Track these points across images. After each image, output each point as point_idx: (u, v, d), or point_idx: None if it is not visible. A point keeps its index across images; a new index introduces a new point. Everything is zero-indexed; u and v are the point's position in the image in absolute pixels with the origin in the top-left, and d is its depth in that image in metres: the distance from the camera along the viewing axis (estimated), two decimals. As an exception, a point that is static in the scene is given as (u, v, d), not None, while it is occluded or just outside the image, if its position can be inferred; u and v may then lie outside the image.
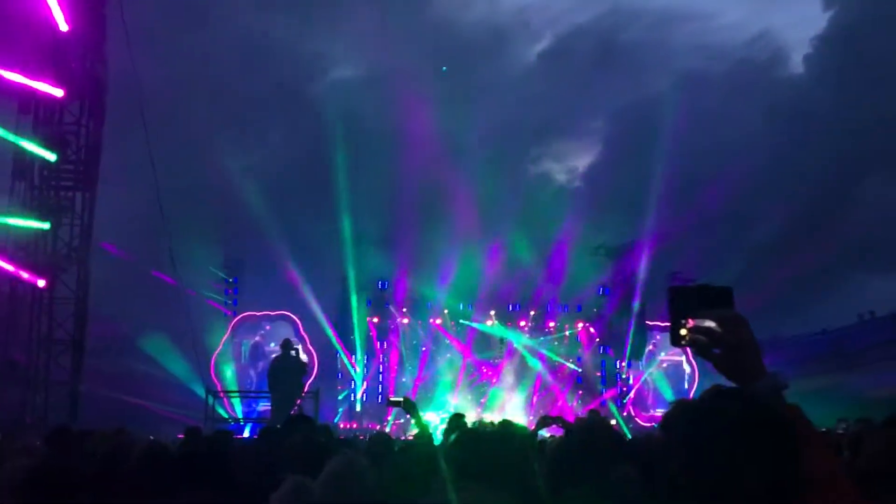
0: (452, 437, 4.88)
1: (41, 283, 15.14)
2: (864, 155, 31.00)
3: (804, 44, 37.01)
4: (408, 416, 22.76)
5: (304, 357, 21.14)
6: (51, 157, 15.61)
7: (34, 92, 15.07)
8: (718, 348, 2.11)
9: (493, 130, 33.05)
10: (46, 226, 15.55)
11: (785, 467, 1.91)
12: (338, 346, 25.74)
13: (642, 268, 26.61)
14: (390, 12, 35.45)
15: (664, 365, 27.32)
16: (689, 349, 2.20)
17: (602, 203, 31.07)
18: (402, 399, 8.27)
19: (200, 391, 18.17)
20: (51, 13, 14.59)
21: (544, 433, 9.03)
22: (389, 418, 25.38)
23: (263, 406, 20.47)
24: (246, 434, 16.83)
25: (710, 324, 2.11)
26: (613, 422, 23.56)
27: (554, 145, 39.78)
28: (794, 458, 1.92)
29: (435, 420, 21.66)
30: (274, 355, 17.14)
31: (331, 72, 36.75)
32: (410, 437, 15.32)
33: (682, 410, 2.10)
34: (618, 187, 31.12)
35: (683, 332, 2.16)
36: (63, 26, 14.69)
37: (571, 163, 39.21)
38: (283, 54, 33.51)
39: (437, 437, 9.44)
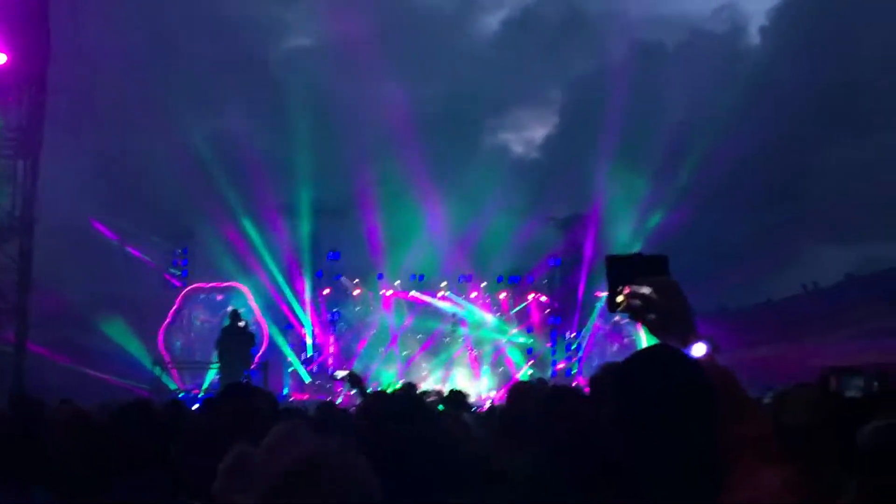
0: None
1: (-18, 253, 14.87)
2: (816, 126, 31.40)
3: (761, 15, 37.29)
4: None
5: (254, 328, 21.04)
6: (-8, 124, 15.29)
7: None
8: (653, 313, 2.17)
9: (450, 100, 32.89)
10: (-9, 196, 15.24)
11: (708, 427, 1.97)
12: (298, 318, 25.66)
13: (591, 239, 26.82)
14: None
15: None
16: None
17: (555, 174, 31.21)
18: (347, 373, 8.28)
19: (148, 363, 18.06)
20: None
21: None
22: (340, 390, 25.38)
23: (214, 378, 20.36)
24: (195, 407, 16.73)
25: (646, 290, 2.18)
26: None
27: (511, 115, 39.83)
28: (715, 418, 1.97)
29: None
30: (222, 326, 17.06)
31: (286, 39, 36.38)
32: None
33: (607, 371, 2.16)
34: (572, 158, 31.22)
35: (620, 298, 2.23)
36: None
37: (528, 133, 39.37)
38: (237, 21, 32.93)
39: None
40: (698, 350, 2.15)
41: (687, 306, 2.19)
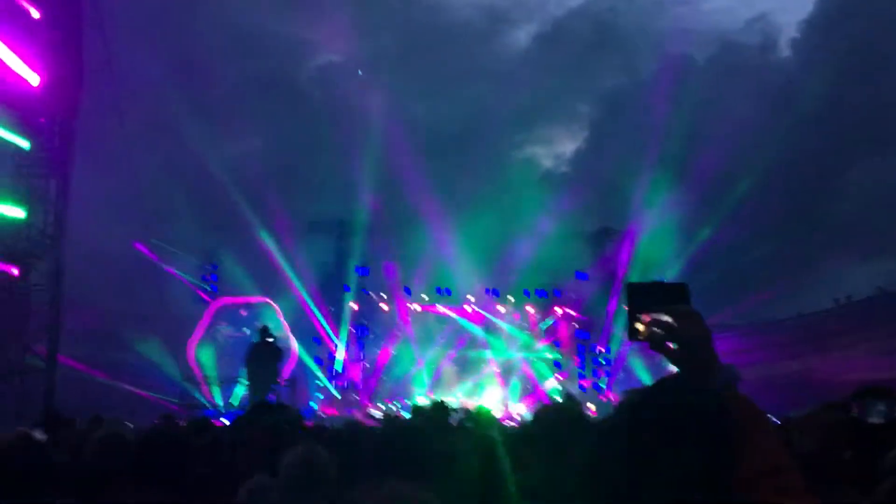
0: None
1: (14, 271, 15.08)
2: (848, 140, 31.10)
3: (792, 27, 37.02)
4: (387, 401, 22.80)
5: (283, 343, 21.13)
6: (24, 144, 15.51)
7: (6, 78, 14.94)
8: (673, 343, 2.16)
9: (480, 116, 32.94)
10: (22, 214, 15.45)
11: (726, 460, 1.97)
12: (327, 332, 25.73)
13: (624, 253, 26.71)
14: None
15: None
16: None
17: (584, 188, 31.12)
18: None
19: (178, 377, 18.22)
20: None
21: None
22: (369, 405, 25.47)
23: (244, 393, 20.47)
24: (225, 422, 16.84)
25: (666, 318, 2.16)
26: (593, 407, 23.74)
27: (539, 130, 39.74)
28: (733, 452, 1.97)
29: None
30: (251, 342, 17.16)
31: (315, 58, 36.60)
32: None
33: (628, 400, 2.17)
34: (601, 172, 31.15)
35: (640, 326, 2.22)
36: (34, 13, 14.59)
37: (557, 148, 39.28)
38: (266, 41, 33.20)
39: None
40: (720, 379, 2.15)
41: (708, 335, 2.16)
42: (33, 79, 15.15)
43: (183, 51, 28.07)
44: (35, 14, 14.77)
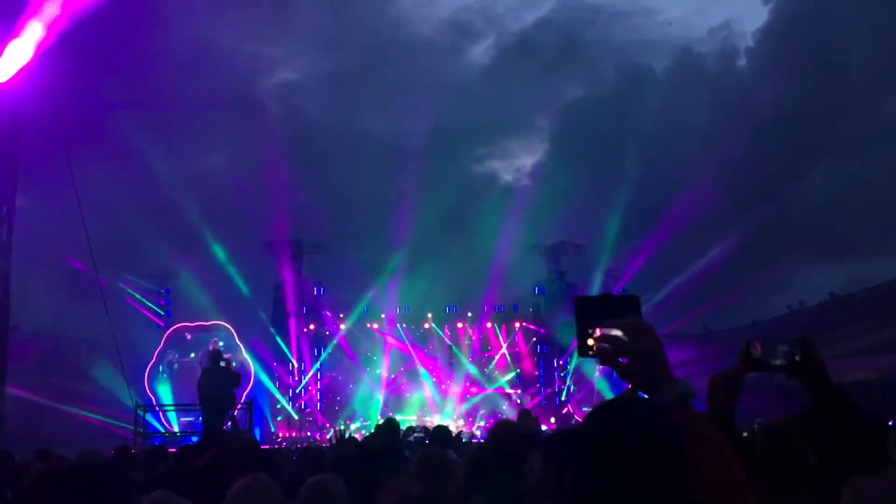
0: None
1: (-41, 301, 14.69)
2: (801, 147, 31.59)
3: (746, 37, 37.63)
4: (348, 422, 22.54)
5: (239, 368, 20.84)
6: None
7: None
8: (625, 357, 2.07)
9: (439, 131, 32.90)
10: (-37, 241, 15.08)
11: (679, 480, 1.89)
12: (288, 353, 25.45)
13: (579, 265, 26.86)
14: (338, 12, 35.14)
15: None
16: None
17: (540, 203, 31.25)
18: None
19: (131, 404, 17.84)
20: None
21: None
22: (330, 425, 25.23)
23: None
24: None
25: (617, 332, 2.07)
26: (553, 420, 23.75)
27: (499, 144, 39.87)
28: (687, 470, 1.90)
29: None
30: (203, 368, 16.86)
31: (273, 74, 36.36)
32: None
33: (585, 417, 2.09)
34: (560, 185, 31.30)
35: (591, 342, 2.10)
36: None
37: (516, 162, 39.41)
38: (225, 57, 32.69)
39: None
40: (672, 395, 2.08)
41: (660, 349, 2.04)
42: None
43: (138, 68, 27.65)
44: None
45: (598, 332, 2.10)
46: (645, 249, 26.63)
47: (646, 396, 2.07)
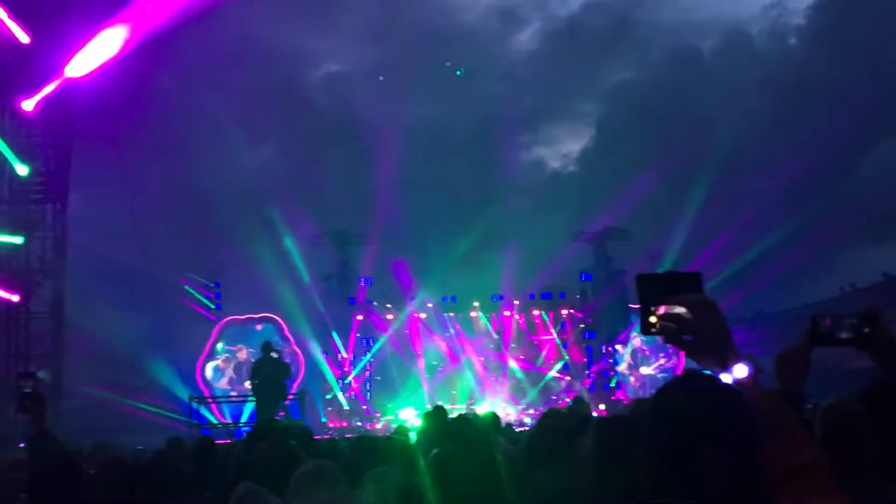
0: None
1: (15, 298, 15.02)
2: (852, 126, 30.89)
3: (798, 14, 36.85)
4: (398, 412, 22.64)
5: (289, 358, 21.04)
6: (22, 170, 15.46)
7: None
8: (689, 335, 2.06)
9: (485, 119, 32.70)
10: (20, 240, 15.39)
11: (748, 458, 1.86)
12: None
13: (626, 252, 26.65)
14: (383, 2, 35.13)
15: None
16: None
17: (587, 189, 31.03)
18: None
19: (185, 396, 18.14)
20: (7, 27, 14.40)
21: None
22: (379, 415, 25.38)
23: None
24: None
25: (680, 310, 2.06)
26: (603, 407, 23.64)
27: (546, 130, 39.58)
28: (756, 448, 1.87)
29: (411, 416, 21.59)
30: (256, 359, 17.06)
31: (319, 67, 36.45)
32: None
33: (653, 395, 2.08)
34: (605, 172, 31.05)
35: (653, 319, 2.11)
36: (23, 38, 14.53)
37: (563, 148, 39.17)
38: (272, 51, 32.74)
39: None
40: (739, 372, 2.01)
41: (725, 326, 2.04)
42: (26, 106, 15.08)
43: (185, 64, 27.87)
44: (24, 39, 14.69)
45: (661, 310, 2.09)
46: (694, 234, 26.35)
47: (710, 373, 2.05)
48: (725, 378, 2.02)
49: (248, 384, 17.93)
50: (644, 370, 26.75)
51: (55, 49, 15.66)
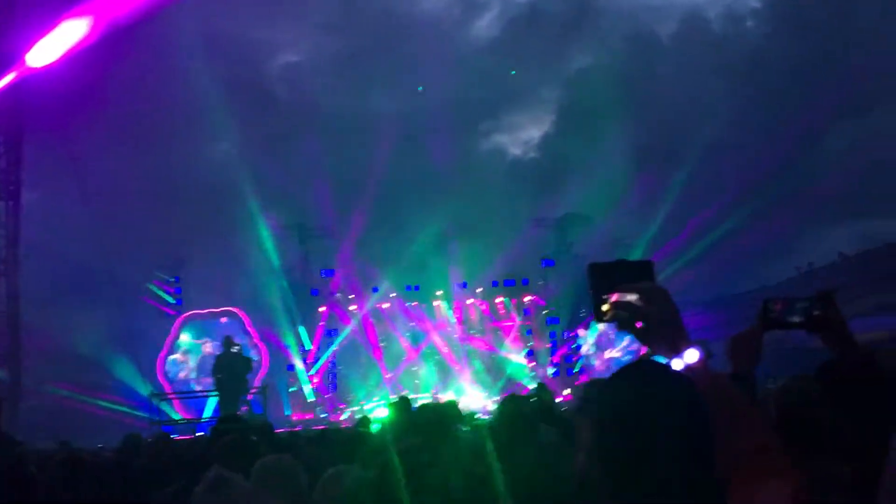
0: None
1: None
2: (807, 106, 31.24)
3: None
4: (362, 403, 22.67)
5: (250, 353, 20.97)
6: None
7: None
8: (641, 322, 2.07)
9: (445, 107, 32.57)
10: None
11: (700, 443, 1.87)
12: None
13: (585, 237, 26.81)
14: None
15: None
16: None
17: (548, 175, 31.13)
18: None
19: (145, 393, 18.00)
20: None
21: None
22: (344, 407, 25.36)
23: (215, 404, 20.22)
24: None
25: (632, 297, 2.07)
26: (567, 391, 23.80)
27: (506, 117, 39.50)
28: (708, 433, 1.87)
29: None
30: (217, 353, 16.95)
31: (276, 57, 36.06)
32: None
33: (598, 384, 2.08)
34: (565, 158, 31.13)
35: (605, 307, 2.12)
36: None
37: (523, 135, 39.09)
38: (229, 42, 32.38)
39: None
40: (690, 357, 2.01)
41: (675, 312, 2.05)
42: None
43: (141, 55, 27.45)
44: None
45: (613, 298, 2.10)
46: (654, 218, 26.56)
47: (663, 360, 2.06)
48: (677, 364, 2.03)
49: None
50: (608, 353, 26.96)
51: (4, 48, 15.39)
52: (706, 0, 37.75)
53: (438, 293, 27.18)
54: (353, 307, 26.86)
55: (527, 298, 27.83)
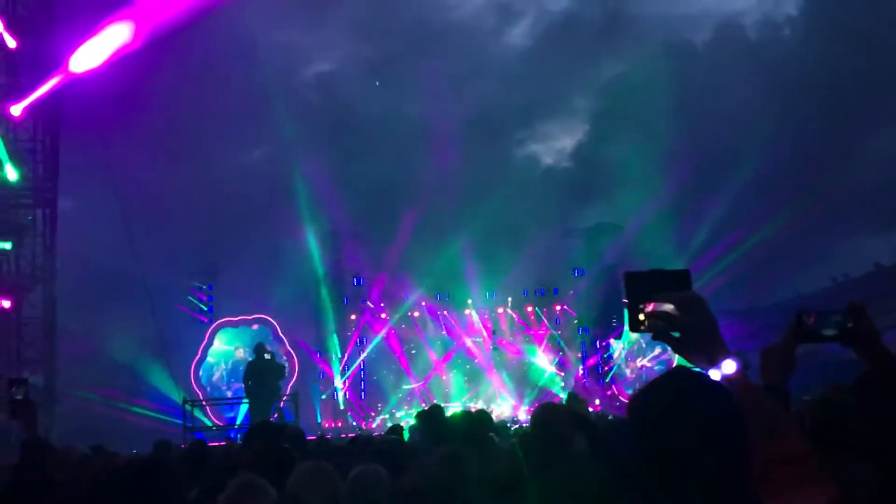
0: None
1: (6, 304, 14.96)
2: (845, 116, 30.83)
3: (790, 4, 36.66)
4: (393, 411, 22.70)
5: (282, 360, 21.04)
6: (13, 175, 15.38)
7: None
8: (678, 331, 2.06)
9: (479, 115, 32.50)
10: (8, 246, 15.33)
11: (736, 453, 1.85)
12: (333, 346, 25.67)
13: (618, 247, 26.68)
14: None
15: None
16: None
17: (581, 184, 30.97)
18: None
19: (179, 399, 18.12)
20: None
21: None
22: (374, 415, 25.38)
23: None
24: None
25: (669, 307, 2.06)
26: (598, 402, 23.67)
27: (539, 126, 39.33)
28: (744, 443, 1.86)
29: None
30: (249, 360, 17.05)
31: (308, 66, 36.19)
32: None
33: (639, 393, 2.07)
34: (602, 167, 30.95)
35: (642, 317, 2.12)
36: (10, 43, 14.45)
37: (556, 144, 38.92)
38: (263, 50, 32.47)
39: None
40: (727, 367, 2.01)
41: (713, 322, 2.05)
42: (14, 111, 15.01)
43: (177, 64, 27.63)
44: (11, 43, 14.60)
45: (649, 308, 2.08)
46: (688, 227, 26.35)
47: (699, 370, 2.03)
48: (714, 374, 2.01)
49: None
50: (639, 362, 26.80)
51: (44, 54, 15.60)
52: (742, 8, 37.30)
53: (469, 301, 27.15)
54: (383, 315, 26.88)
55: (557, 307, 27.75)
